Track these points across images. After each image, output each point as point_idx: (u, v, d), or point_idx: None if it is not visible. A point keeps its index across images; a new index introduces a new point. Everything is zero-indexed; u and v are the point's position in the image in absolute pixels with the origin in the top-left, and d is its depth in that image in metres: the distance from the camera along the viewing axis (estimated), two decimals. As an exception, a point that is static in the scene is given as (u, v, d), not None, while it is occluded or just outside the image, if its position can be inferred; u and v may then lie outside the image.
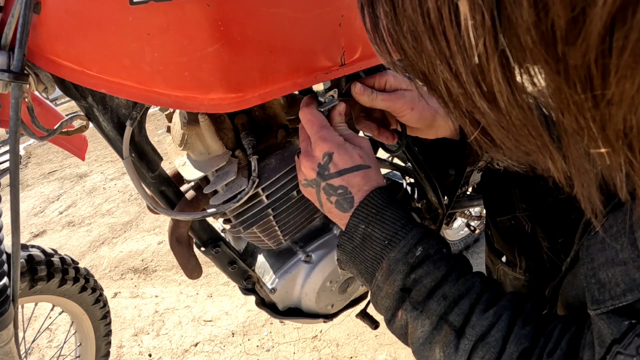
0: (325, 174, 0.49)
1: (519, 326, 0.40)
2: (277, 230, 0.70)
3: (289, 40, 0.45)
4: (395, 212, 0.47)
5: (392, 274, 0.45)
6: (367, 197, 0.48)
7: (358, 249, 0.48)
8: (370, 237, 0.46)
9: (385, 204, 0.47)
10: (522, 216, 0.82)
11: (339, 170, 0.48)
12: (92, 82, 0.42)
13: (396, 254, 0.45)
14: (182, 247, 0.69)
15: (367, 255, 0.47)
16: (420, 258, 0.44)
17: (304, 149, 0.52)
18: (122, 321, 1.54)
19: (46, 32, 0.41)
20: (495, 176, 0.87)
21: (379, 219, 0.46)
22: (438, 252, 0.45)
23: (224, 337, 1.40)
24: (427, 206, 1.00)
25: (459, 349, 0.41)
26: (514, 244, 0.88)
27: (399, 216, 0.47)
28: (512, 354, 0.39)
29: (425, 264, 0.44)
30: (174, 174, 0.66)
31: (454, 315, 0.42)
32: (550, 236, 0.80)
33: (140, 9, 0.38)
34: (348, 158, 0.49)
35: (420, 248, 0.45)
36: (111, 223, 2.31)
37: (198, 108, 0.43)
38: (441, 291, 0.43)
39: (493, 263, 0.99)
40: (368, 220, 0.47)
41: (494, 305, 0.42)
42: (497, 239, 0.93)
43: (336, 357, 1.28)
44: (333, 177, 0.49)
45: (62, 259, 0.91)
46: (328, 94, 0.54)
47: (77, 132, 0.56)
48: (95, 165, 3.27)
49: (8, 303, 0.61)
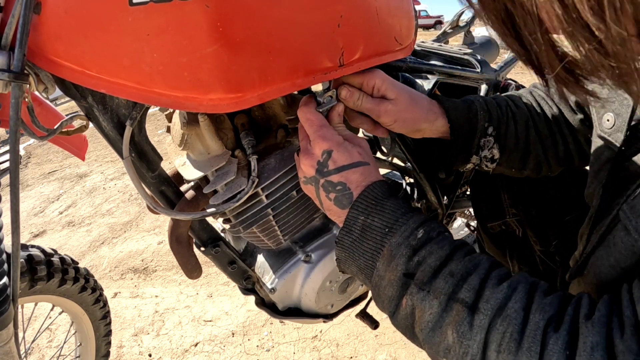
0: (324, 170, 0.49)
1: (539, 296, 0.38)
2: (276, 230, 0.70)
3: (288, 41, 0.45)
4: (395, 202, 0.47)
5: (394, 259, 0.43)
6: (366, 189, 0.47)
7: (357, 242, 0.47)
8: (369, 227, 0.46)
9: (385, 196, 0.47)
10: (512, 221, 0.82)
11: (338, 167, 0.49)
12: (92, 82, 0.42)
13: (397, 238, 0.43)
14: (182, 247, 0.69)
15: (367, 246, 0.46)
16: (423, 240, 0.43)
17: (304, 147, 0.52)
18: (122, 321, 1.54)
19: (46, 32, 0.41)
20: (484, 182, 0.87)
21: (378, 209, 0.46)
22: (440, 234, 0.44)
23: (224, 337, 1.40)
24: (426, 206, 1.00)
25: (473, 325, 0.37)
26: (506, 249, 0.88)
27: (399, 205, 0.46)
28: (537, 322, 0.35)
29: (428, 245, 0.43)
30: (174, 174, 0.66)
31: (465, 292, 0.39)
32: (542, 240, 0.80)
33: (140, 10, 0.38)
34: (347, 155, 0.49)
35: (421, 230, 0.43)
36: (111, 223, 2.32)
37: (198, 108, 0.43)
38: (447, 269, 0.41)
39: None
40: (368, 212, 0.46)
41: (506, 280, 0.39)
42: (488, 245, 0.93)
43: (336, 357, 1.28)
44: (332, 174, 0.49)
45: (62, 259, 0.91)
46: (326, 95, 0.54)
47: (77, 132, 0.56)
48: (95, 165, 3.27)
49: (8, 303, 0.61)
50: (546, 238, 0.79)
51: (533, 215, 0.79)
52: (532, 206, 0.78)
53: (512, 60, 1.14)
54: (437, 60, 1.06)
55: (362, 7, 0.53)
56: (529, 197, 0.78)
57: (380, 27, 0.57)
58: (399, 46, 0.64)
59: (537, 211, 0.78)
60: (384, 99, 0.57)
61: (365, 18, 0.54)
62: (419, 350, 1.27)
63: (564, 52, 0.28)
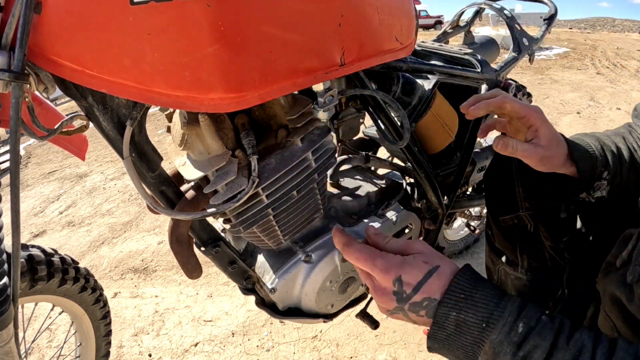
0: (404, 297, 0.48)
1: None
2: (277, 230, 0.70)
3: (288, 40, 0.45)
4: (484, 291, 0.46)
5: (498, 356, 0.43)
6: (450, 284, 0.47)
7: (453, 336, 0.46)
8: (464, 323, 0.45)
9: (472, 285, 0.47)
10: (525, 215, 0.82)
11: (414, 287, 0.48)
12: (93, 81, 0.42)
13: (497, 335, 0.43)
14: (182, 247, 0.69)
15: (465, 341, 0.45)
16: (524, 334, 0.43)
17: (372, 286, 0.52)
18: (122, 321, 1.54)
19: (47, 32, 0.41)
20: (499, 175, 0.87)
21: (469, 303, 0.45)
22: (539, 321, 0.44)
23: (224, 337, 1.40)
24: (427, 206, 1.00)
25: None
26: (516, 243, 0.88)
27: (490, 295, 0.46)
28: None
29: (531, 338, 0.43)
30: (174, 174, 0.66)
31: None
32: (553, 235, 0.80)
33: (141, 9, 0.38)
34: (416, 271, 0.48)
35: (521, 324, 0.43)
36: (111, 223, 2.31)
37: (198, 108, 0.43)
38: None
39: (494, 263, 0.99)
40: (459, 307, 0.46)
41: (612, 356, 0.40)
42: (499, 238, 0.92)
43: (336, 357, 1.28)
44: (413, 297, 0.48)
45: (62, 258, 0.91)
46: (327, 94, 0.54)
47: (77, 132, 0.56)
48: (95, 165, 3.27)
49: (8, 303, 0.61)
50: (556, 234, 0.79)
51: (545, 210, 0.79)
52: (545, 201, 0.79)
53: (513, 60, 1.14)
54: (438, 60, 1.06)
55: (363, 6, 0.53)
56: (542, 191, 0.79)
57: (381, 27, 0.57)
58: (399, 46, 0.64)
59: (549, 206, 0.79)
60: (536, 143, 0.62)
61: (366, 17, 0.54)
62: (419, 350, 1.27)
63: None
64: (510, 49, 1.19)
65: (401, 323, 1.35)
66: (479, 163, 1.16)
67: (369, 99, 0.78)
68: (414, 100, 0.92)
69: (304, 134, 0.62)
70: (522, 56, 1.17)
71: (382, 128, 0.80)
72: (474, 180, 1.21)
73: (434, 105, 0.93)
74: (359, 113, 0.88)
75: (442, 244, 1.55)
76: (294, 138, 0.63)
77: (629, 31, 29.29)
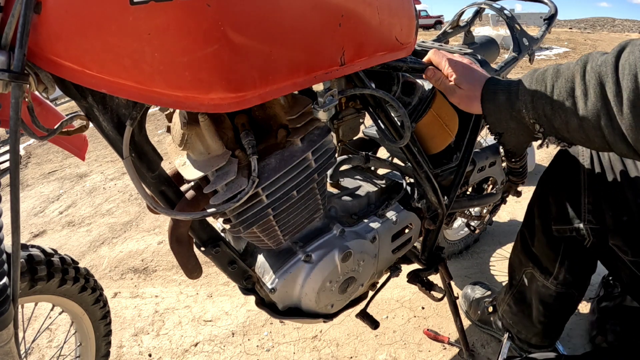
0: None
1: None
2: (277, 230, 0.70)
3: (289, 40, 0.45)
4: None
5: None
6: None
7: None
8: None
9: None
10: (587, 228, 0.77)
11: None
12: (93, 81, 0.42)
13: None
14: (182, 247, 0.69)
15: None
16: None
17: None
18: (122, 321, 1.53)
19: (46, 32, 0.41)
20: (563, 182, 0.81)
21: None
22: None
23: (224, 337, 1.40)
24: (426, 206, 1.00)
25: None
26: (559, 254, 0.84)
27: None
28: None
29: None
30: (174, 174, 0.66)
31: None
32: (634, 249, 0.73)
33: (141, 9, 0.38)
34: None
35: None
36: (111, 223, 2.31)
37: (198, 108, 0.43)
38: None
39: (521, 264, 0.95)
40: None
41: None
42: (540, 244, 0.88)
43: (336, 357, 1.28)
44: None
45: (62, 258, 0.91)
46: (327, 94, 0.54)
47: (77, 132, 0.56)
48: (95, 165, 3.27)
49: (8, 303, 0.61)
50: (637, 248, 0.73)
51: (624, 221, 0.73)
52: (625, 212, 0.73)
53: (513, 60, 1.14)
54: (438, 60, 1.06)
55: (363, 6, 0.53)
56: (620, 202, 0.73)
57: (381, 27, 0.58)
58: (399, 45, 0.64)
59: (629, 217, 0.72)
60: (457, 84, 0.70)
61: (366, 17, 0.54)
62: (419, 350, 1.27)
63: None
64: (510, 49, 1.19)
65: (401, 323, 1.35)
66: (479, 163, 1.16)
67: (369, 99, 0.78)
68: (414, 100, 0.92)
69: (304, 134, 0.62)
70: (522, 56, 1.17)
71: (382, 128, 0.80)
72: (474, 180, 1.21)
73: (434, 105, 0.92)
74: (359, 113, 0.88)
75: (442, 244, 1.55)
76: (294, 138, 0.63)
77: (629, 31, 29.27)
